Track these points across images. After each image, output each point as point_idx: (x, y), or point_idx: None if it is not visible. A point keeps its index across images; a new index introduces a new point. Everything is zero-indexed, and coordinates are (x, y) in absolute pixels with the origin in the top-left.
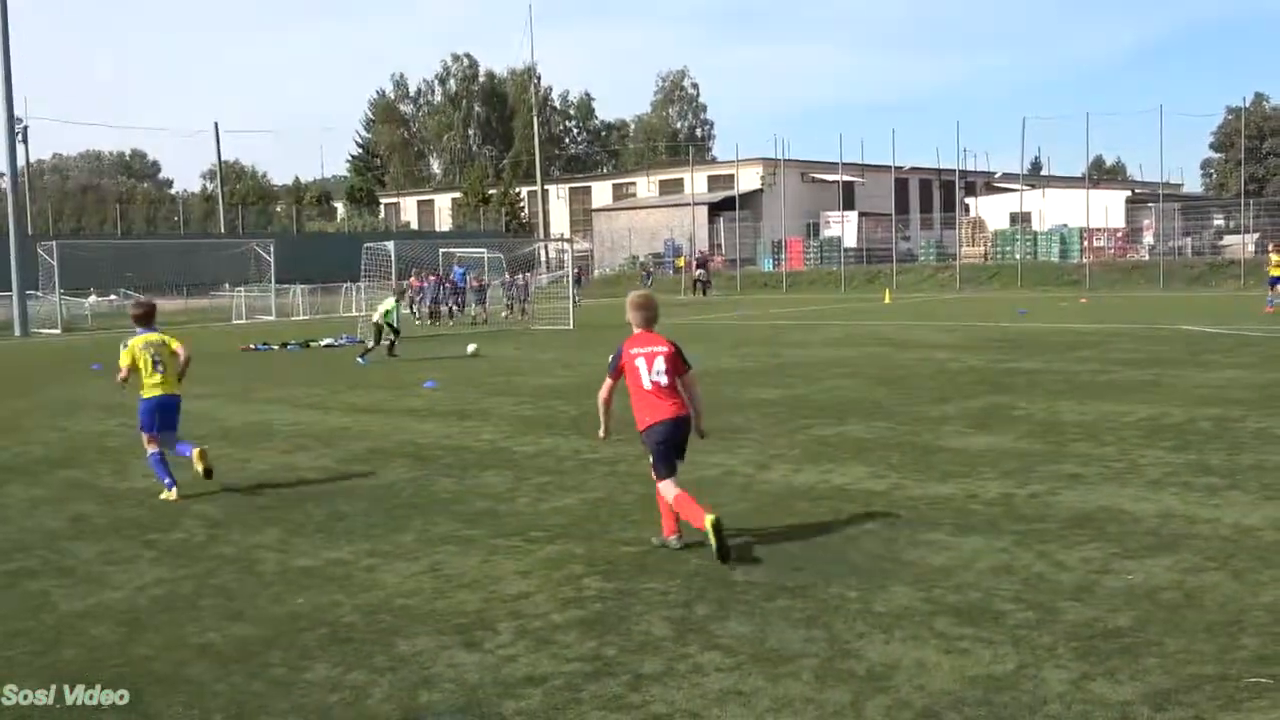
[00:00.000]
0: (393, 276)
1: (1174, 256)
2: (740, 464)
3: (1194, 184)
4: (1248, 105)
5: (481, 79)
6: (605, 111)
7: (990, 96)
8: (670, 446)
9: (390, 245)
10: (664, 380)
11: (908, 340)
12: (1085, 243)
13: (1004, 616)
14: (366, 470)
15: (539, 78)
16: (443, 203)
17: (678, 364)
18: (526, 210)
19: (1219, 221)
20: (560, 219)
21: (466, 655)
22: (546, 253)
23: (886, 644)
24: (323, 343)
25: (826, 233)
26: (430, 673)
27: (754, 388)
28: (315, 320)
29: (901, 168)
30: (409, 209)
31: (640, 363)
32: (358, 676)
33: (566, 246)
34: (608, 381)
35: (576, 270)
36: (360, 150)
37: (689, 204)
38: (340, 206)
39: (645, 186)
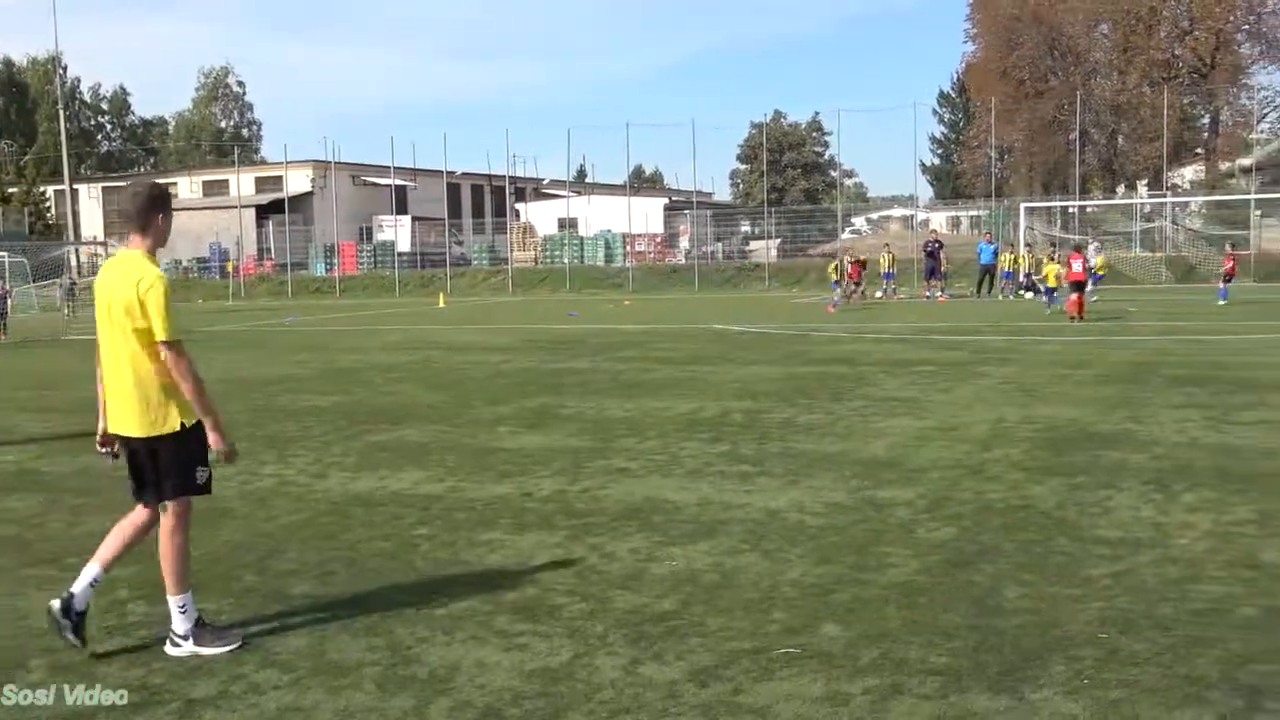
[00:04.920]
0: None
1: (708, 260)
2: (295, 473)
3: (724, 193)
4: (768, 121)
5: None
6: (142, 108)
7: (539, 104)
8: None
9: None
10: None
11: (463, 344)
12: (628, 247)
13: (559, 610)
14: None
15: (65, 68)
16: None
17: None
18: (54, 211)
19: (746, 228)
20: (93, 221)
21: None
22: (78, 257)
23: (448, 646)
24: None
25: (380, 236)
26: None
27: (308, 395)
28: None
29: (454, 172)
30: None
31: None
32: None
33: (101, 250)
34: None
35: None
36: None
37: (235, 206)
38: None
39: (188, 187)
